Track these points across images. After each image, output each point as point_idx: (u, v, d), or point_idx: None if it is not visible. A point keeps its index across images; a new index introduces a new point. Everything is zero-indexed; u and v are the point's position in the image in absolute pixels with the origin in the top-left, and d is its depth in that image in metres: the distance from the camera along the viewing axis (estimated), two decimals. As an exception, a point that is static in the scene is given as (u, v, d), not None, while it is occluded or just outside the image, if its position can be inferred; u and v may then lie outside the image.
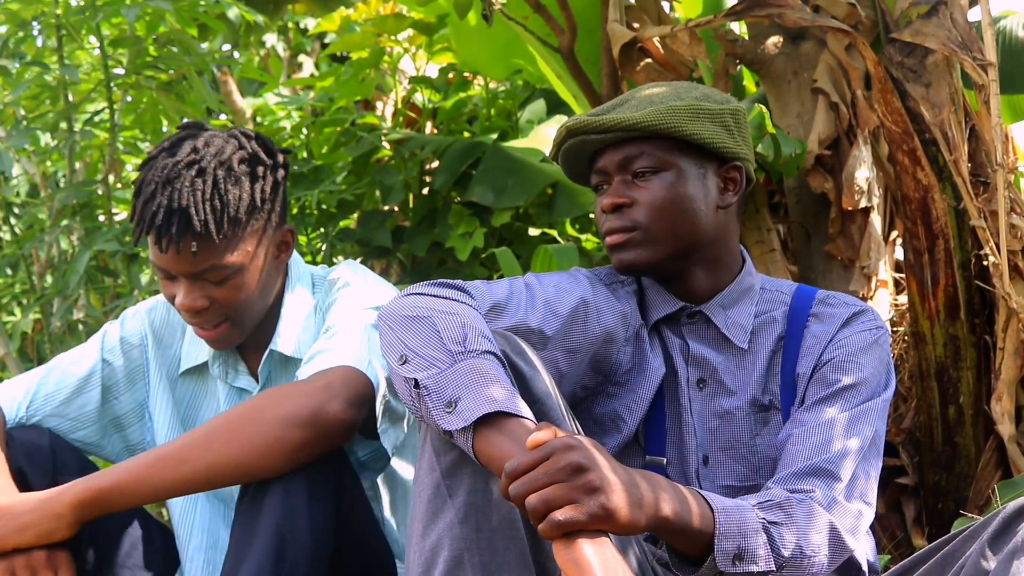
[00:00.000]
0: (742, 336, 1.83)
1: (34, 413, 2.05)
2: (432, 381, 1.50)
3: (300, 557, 1.77)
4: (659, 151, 1.78)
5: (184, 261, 1.95)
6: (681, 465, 1.82)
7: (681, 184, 1.79)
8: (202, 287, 1.97)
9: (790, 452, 1.67)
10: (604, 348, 1.82)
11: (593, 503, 1.36)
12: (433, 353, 1.53)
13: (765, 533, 1.53)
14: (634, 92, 1.88)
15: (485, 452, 1.45)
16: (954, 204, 2.62)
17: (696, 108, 1.78)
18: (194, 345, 2.15)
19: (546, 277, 1.84)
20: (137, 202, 1.96)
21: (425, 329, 1.56)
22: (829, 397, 1.73)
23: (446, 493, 1.53)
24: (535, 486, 1.36)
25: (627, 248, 1.80)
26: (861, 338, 1.78)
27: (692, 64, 3.12)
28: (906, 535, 2.71)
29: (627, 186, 1.80)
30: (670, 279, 1.86)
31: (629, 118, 1.76)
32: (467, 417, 1.45)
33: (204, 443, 1.80)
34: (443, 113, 4.22)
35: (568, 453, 1.37)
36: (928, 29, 2.65)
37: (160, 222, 1.92)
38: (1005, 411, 2.58)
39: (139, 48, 3.69)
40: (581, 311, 1.80)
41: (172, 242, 1.92)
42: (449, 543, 1.51)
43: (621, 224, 1.79)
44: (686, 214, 1.79)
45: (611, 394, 1.85)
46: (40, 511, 1.79)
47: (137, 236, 1.97)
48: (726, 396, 1.82)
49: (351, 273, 2.10)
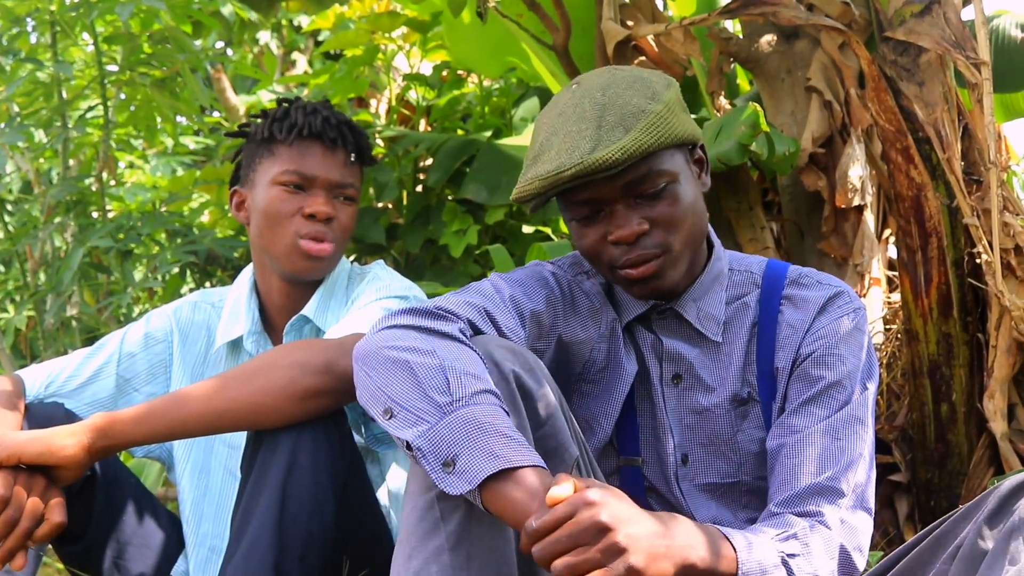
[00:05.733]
0: (715, 328, 1.77)
1: (53, 393, 2.12)
2: (424, 440, 1.44)
3: (301, 515, 1.80)
4: (663, 164, 1.67)
5: (338, 167, 2.22)
6: (658, 465, 1.79)
7: (688, 186, 1.70)
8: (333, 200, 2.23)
9: (789, 467, 1.65)
10: (576, 348, 1.78)
11: (620, 565, 1.33)
12: (419, 405, 1.46)
13: (784, 567, 1.51)
14: (590, 107, 1.67)
15: (498, 508, 1.41)
16: (947, 202, 2.63)
17: (668, 105, 1.67)
18: (229, 324, 2.25)
19: (511, 276, 1.78)
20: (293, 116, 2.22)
21: (405, 376, 1.49)
22: (816, 397, 1.69)
23: (438, 517, 1.49)
24: (559, 549, 1.34)
25: (660, 275, 1.69)
26: (839, 326, 1.73)
27: (686, 62, 3.12)
28: (898, 532, 2.72)
29: (634, 210, 1.67)
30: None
31: (636, 143, 1.61)
32: (471, 479, 1.40)
33: (221, 384, 1.85)
34: (437, 111, 4.22)
35: (591, 510, 1.34)
36: (921, 28, 2.65)
37: (331, 128, 2.22)
38: (997, 408, 2.58)
39: (133, 45, 3.69)
40: (547, 312, 1.75)
41: (340, 143, 2.23)
42: (437, 569, 1.48)
43: (645, 254, 1.67)
44: (698, 214, 1.72)
45: (585, 393, 1.81)
46: (54, 429, 1.81)
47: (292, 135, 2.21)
48: (704, 392, 1.77)
49: (380, 269, 2.26)
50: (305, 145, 2.21)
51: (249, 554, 1.77)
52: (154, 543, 2.14)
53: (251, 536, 1.79)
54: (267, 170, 2.22)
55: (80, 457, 1.79)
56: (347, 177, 2.25)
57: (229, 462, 2.21)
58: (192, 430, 1.85)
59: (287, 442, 1.83)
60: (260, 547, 1.77)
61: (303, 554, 1.80)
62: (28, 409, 2.01)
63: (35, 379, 2.12)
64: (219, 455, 2.23)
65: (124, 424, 1.82)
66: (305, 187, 2.20)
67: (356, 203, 2.29)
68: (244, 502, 1.84)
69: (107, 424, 1.81)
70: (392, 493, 2.23)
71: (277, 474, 1.81)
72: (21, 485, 1.75)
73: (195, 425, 1.84)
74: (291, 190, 2.20)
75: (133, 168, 5.25)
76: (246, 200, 2.27)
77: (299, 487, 1.81)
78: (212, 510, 2.21)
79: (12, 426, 1.90)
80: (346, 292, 2.25)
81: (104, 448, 1.81)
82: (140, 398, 2.19)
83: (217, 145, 4.70)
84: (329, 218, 2.20)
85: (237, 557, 1.78)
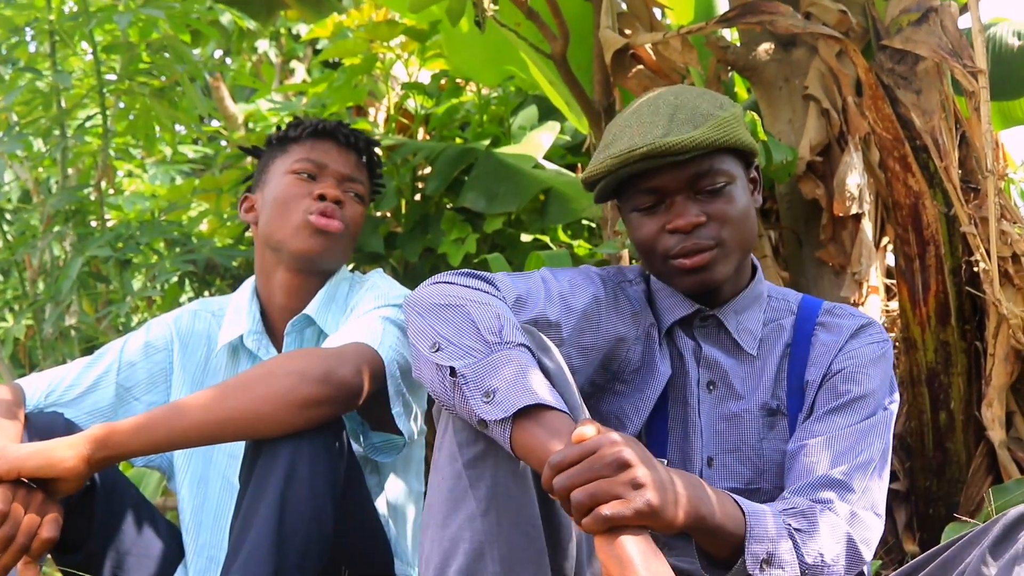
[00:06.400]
0: (752, 342, 1.84)
1: (53, 403, 2.12)
2: (470, 370, 1.50)
3: (299, 524, 1.81)
4: (724, 164, 1.77)
5: (349, 163, 2.30)
6: (684, 466, 1.83)
7: (744, 193, 1.80)
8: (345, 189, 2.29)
9: (805, 463, 1.69)
10: (615, 347, 1.83)
11: (639, 499, 1.37)
12: (468, 342, 1.53)
13: (791, 539, 1.54)
14: (663, 105, 1.80)
15: (523, 444, 1.46)
16: (945, 210, 2.63)
17: (731, 115, 1.79)
18: (229, 328, 2.25)
19: (560, 272, 1.85)
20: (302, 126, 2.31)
21: (459, 318, 1.56)
22: (840, 408, 1.75)
23: (467, 484, 1.53)
24: (580, 480, 1.37)
25: (711, 267, 1.77)
26: (870, 350, 1.80)
27: (684, 71, 3.12)
28: (897, 541, 2.72)
29: (694, 203, 1.76)
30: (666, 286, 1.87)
31: (704, 136, 1.72)
32: (507, 408, 1.45)
33: (219, 394, 1.85)
34: (435, 119, 4.22)
35: (613, 448, 1.38)
36: (919, 36, 2.66)
37: (344, 129, 2.31)
38: (995, 416, 2.59)
39: (132, 54, 3.70)
40: (594, 309, 1.80)
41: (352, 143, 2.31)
42: (470, 535, 1.51)
43: (700, 243, 1.76)
44: (751, 222, 1.81)
45: (618, 392, 1.86)
46: (54, 441, 1.81)
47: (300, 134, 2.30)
48: (735, 400, 1.83)
49: (379, 278, 2.27)
50: (319, 141, 2.29)
51: (248, 563, 1.77)
52: (153, 552, 2.13)
53: (250, 545, 1.79)
54: (280, 165, 2.27)
55: (80, 469, 1.79)
56: (357, 174, 2.30)
57: (228, 472, 2.21)
58: (192, 440, 1.85)
59: (286, 451, 1.83)
60: (259, 556, 1.77)
61: (301, 563, 1.80)
62: (28, 419, 2.01)
63: (35, 388, 2.12)
64: (218, 465, 2.23)
65: (123, 435, 1.82)
66: (317, 176, 2.26)
67: (364, 205, 2.32)
68: (243, 511, 1.84)
69: (106, 435, 1.81)
70: (390, 503, 2.23)
71: (276, 483, 1.81)
72: (20, 499, 1.75)
73: (195, 435, 1.84)
74: (303, 178, 2.25)
75: (132, 177, 5.26)
76: (256, 203, 2.30)
77: (298, 496, 1.81)
78: (211, 519, 2.21)
79: (12, 436, 1.90)
80: (346, 299, 2.25)
81: (104, 459, 1.81)
82: (140, 407, 2.19)
83: (216, 154, 4.71)
84: (339, 201, 2.24)
85: (236, 566, 1.78)
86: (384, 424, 2.05)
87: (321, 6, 4.10)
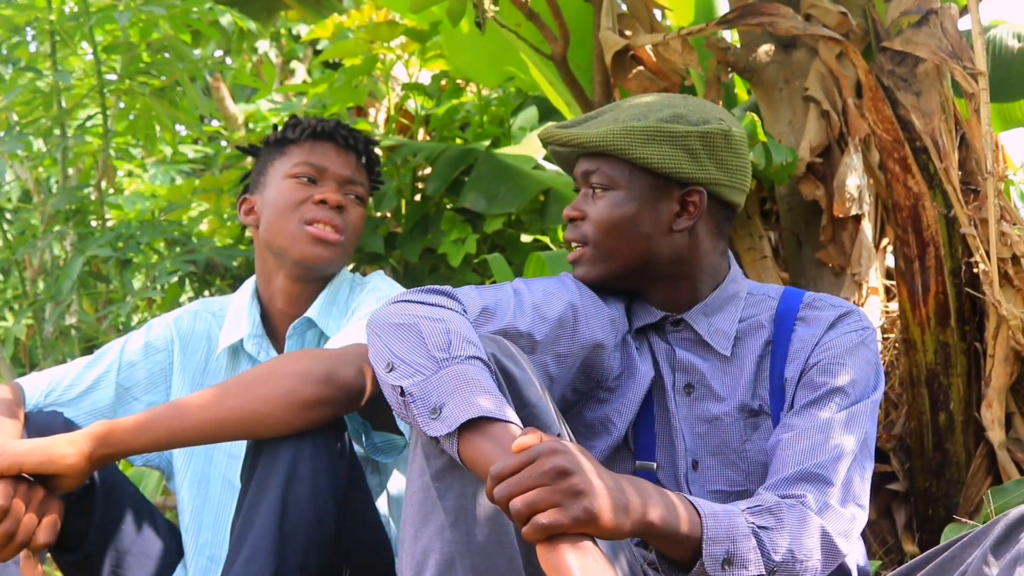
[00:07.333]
0: (724, 343, 1.84)
1: (52, 402, 2.13)
2: (417, 388, 1.51)
3: (300, 524, 1.81)
4: (611, 170, 1.81)
5: (349, 165, 2.30)
6: (671, 469, 1.83)
7: (627, 205, 1.81)
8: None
9: (780, 457, 1.68)
10: (594, 354, 1.83)
11: (576, 507, 1.37)
12: (418, 360, 1.54)
13: (755, 538, 1.53)
14: (617, 104, 1.91)
15: (470, 457, 1.46)
16: (944, 212, 2.63)
17: (655, 130, 1.78)
18: (230, 330, 2.26)
19: (534, 282, 1.85)
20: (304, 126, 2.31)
21: (411, 336, 1.57)
22: (817, 400, 1.74)
23: (435, 497, 1.54)
24: (519, 489, 1.37)
25: (579, 263, 1.87)
26: (847, 339, 1.79)
27: (684, 72, 3.13)
28: (897, 541, 2.72)
29: (585, 199, 1.86)
30: (637, 292, 1.89)
31: (583, 135, 1.81)
32: (451, 423, 1.46)
33: (221, 393, 1.86)
34: (436, 120, 4.23)
35: (552, 457, 1.38)
36: (919, 38, 2.66)
37: (343, 130, 2.32)
38: (995, 417, 2.59)
39: (132, 54, 3.70)
40: (570, 316, 1.80)
41: (351, 144, 2.32)
42: (440, 546, 1.52)
43: (574, 236, 1.87)
44: (631, 235, 1.82)
45: (602, 399, 1.86)
46: (55, 438, 1.81)
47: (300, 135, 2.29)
48: (714, 401, 1.83)
49: (380, 280, 2.29)
50: (318, 143, 2.29)
51: (249, 563, 1.78)
52: (153, 552, 2.14)
53: (251, 545, 1.79)
54: (279, 168, 2.27)
55: (81, 466, 1.79)
56: (357, 175, 2.31)
57: (228, 471, 2.22)
58: (192, 439, 1.85)
59: (287, 452, 1.83)
60: (260, 556, 1.78)
61: (303, 563, 1.80)
62: (27, 418, 2.01)
63: (35, 388, 2.12)
64: (219, 464, 2.23)
65: (124, 432, 1.82)
66: (317, 179, 2.26)
67: (364, 206, 2.33)
68: (244, 511, 1.84)
69: (107, 432, 1.81)
70: (392, 503, 2.23)
71: (277, 484, 1.82)
72: (21, 495, 1.75)
73: (195, 434, 1.84)
74: (303, 182, 2.25)
75: (132, 177, 5.26)
76: (255, 205, 2.30)
77: (299, 497, 1.82)
78: (211, 519, 2.21)
79: (12, 435, 1.90)
80: (347, 301, 2.25)
81: (104, 456, 1.81)
82: (140, 407, 2.20)
83: (216, 154, 4.71)
84: (340, 206, 2.24)
85: (237, 566, 1.78)
86: (385, 424, 2.05)
87: (321, 7, 4.11)
